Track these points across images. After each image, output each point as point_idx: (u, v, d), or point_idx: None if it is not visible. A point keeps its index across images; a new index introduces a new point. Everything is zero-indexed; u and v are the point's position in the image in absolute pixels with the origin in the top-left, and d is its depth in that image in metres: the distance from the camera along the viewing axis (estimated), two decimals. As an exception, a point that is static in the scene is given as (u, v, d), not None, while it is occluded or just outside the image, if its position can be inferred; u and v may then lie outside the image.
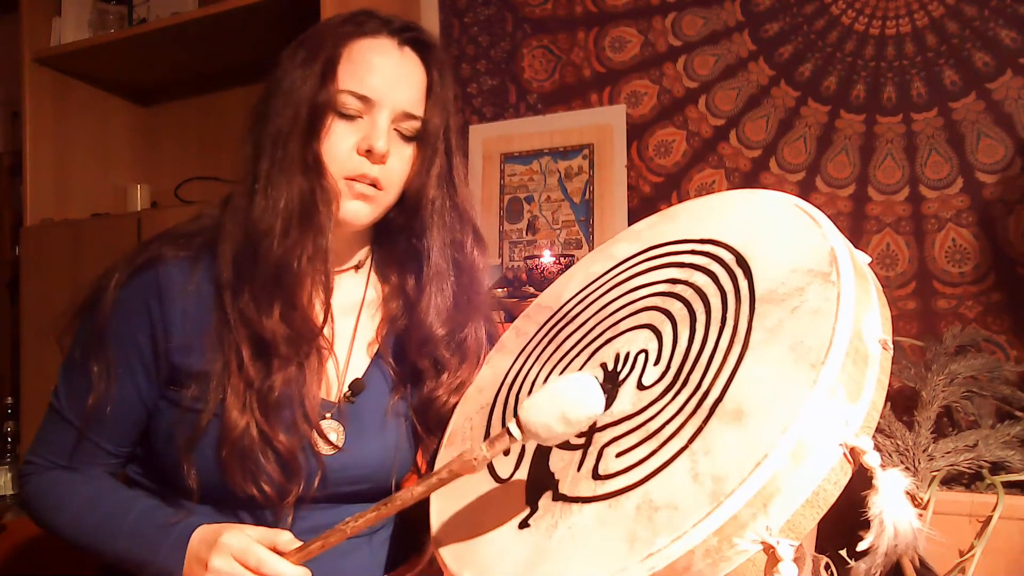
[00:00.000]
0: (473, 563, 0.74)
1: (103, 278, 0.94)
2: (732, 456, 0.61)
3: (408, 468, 1.02)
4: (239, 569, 0.80)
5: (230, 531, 0.83)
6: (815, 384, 0.61)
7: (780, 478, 0.59)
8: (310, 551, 0.80)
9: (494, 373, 0.96)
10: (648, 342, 0.78)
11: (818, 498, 0.60)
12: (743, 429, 0.62)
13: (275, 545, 0.82)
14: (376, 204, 0.96)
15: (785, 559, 0.58)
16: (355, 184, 0.93)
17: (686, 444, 0.65)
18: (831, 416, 0.61)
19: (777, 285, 0.71)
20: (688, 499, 0.61)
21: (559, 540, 0.68)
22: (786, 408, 0.61)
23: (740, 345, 0.69)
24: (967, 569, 1.07)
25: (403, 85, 0.95)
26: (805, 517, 0.60)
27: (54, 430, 0.97)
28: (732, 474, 0.60)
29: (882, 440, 1.22)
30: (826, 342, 0.63)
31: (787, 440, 0.59)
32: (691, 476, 0.62)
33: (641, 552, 0.61)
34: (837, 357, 0.62)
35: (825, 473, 0.60)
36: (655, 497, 0.64)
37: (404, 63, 0.96)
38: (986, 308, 1.57)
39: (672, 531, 0.60)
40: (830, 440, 0.61)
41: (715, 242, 0.81)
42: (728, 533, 0.58)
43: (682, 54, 1.85)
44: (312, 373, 0.92)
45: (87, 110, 2.42)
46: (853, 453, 0.61)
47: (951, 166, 1.60)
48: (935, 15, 1.61)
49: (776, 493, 0.59)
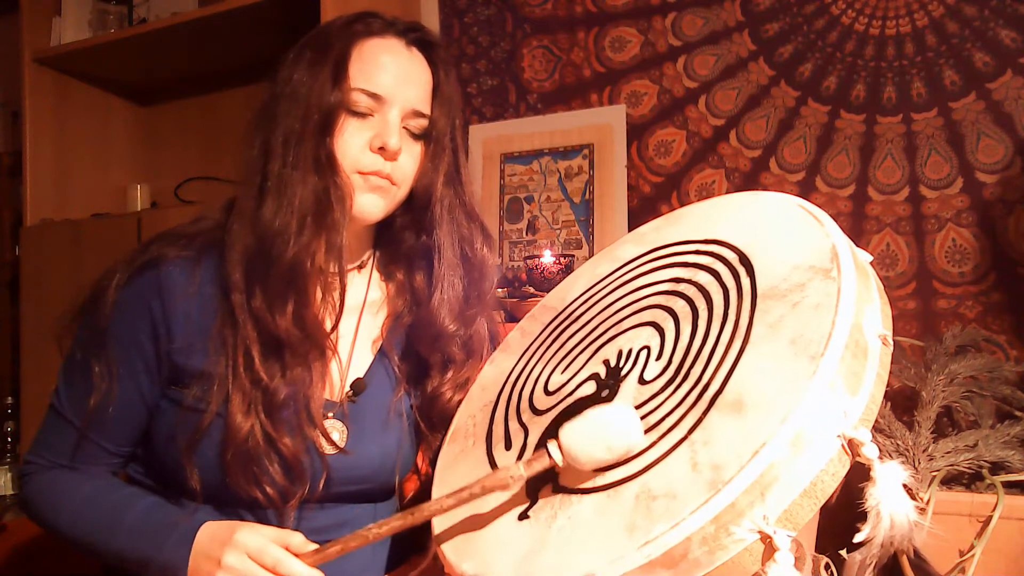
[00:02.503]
0: (473, 555, 0.74)
1: (104, 279, 0.94)
2: (731, 446, 0.61)
3: (410, 467, 1.03)
4: (254, 568, 0.80)
5: (243, 529, 0.82)
6: (814, 375, 0.61)
7: (778, 467, 0.59)
8: (327, 555, 0.79)
9: (498, 372, 0.97)
10: (651, 338, 0.79)
11: (816, 489, 0.60)
12: (742, 420, 0.63)
13: (288, 546, 0.81)
14: (389, 198, 0.97)
15: (782, 549, 0.58)
16: (370, 177, 0.94)
17: (686, 435, 0.66)
18: (830, 407, 0.61)
19: (779, 281, 0.72)
20: (686, 487, 0.61)
21: (558, 530, 0.68)
22: (785, 399, 0.61)
23: (741, 339, 0.69)
24: (967, 569, 1.07)
25: (412, 83, 0.96)
26: (803, 508, 0.60)
27: (54, 430, 0.96)
28: (730, 462, 0.60)
29: (882, 440, 1.21)
30: (826, 334, 0.63)
31: (786, 430, 0.60)
32: (690, 465, 0.63)
33: (638, 540, 0.61)
34: (836, 349, 0.62)
35: (823, 464, 0.60)
36: (654, 486, 0.64)
37: (412, 62, 0.97)
38: (986, 308, 1.57)
39: (669, 519, 0.60)
40: (829, 431, 0.61)
41: (719, 242, 0.82)
42: (725, 521, 0.59)
43: (682, 54, 1.85)
44: (317, 373, 0.92)
45: (87, 110, 2.42)
46: (851, 445, 0.61)
47: (951, 166, 1.60)
48: (935, 15, 1.61)
49: (774, 482, 0.59)
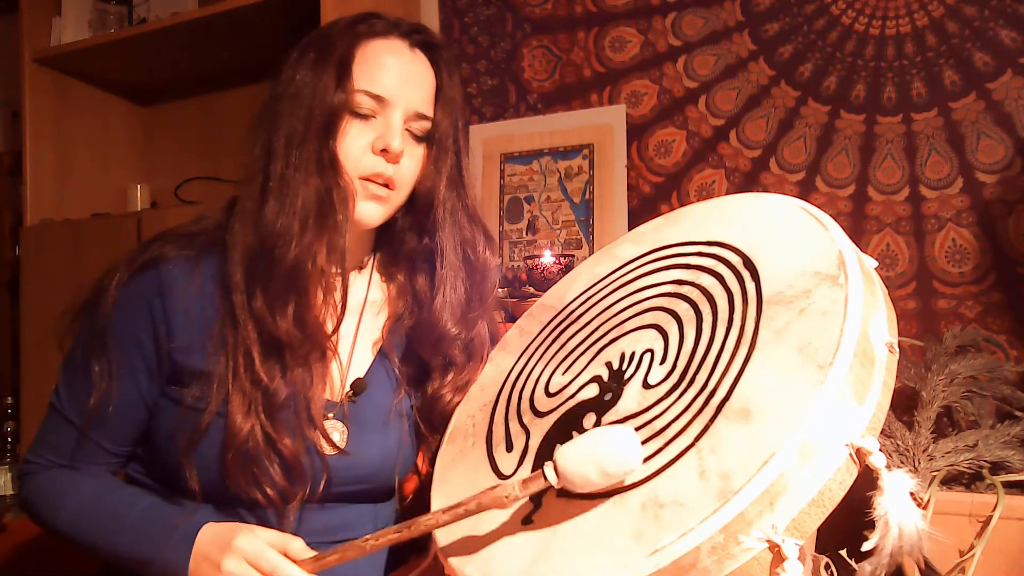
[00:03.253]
0: (477, 560, 0.74)
1: (104, 278, 0.94)
2: (739, 454, 0.61)
3: (410, 467, 1.02)
4: (252, 573, 0.80)
5: (243, 534, 0.82)
6: (823, 385, 0.61)
7: (787, 477, 0.59)
8: (326, 562, 0.78)
9: (497, 371, 0.96)
10: (654, 342, 0.78)
11: (824, 498, 0.60)
12: (750, 428, 0.63)
13: (287, 551, 0.81)
14: (388, 205, 0.96)
15: (790, 557, 0.58)
16: (369, 185, 0.94)
17: (692, 442, 0.65)
18: (838, 417, 0.61)
19: (784, 287, 0.71)
20: (695, 496, 0.61)
21: (563, 536, 0.68)
22: (794, 408, 0.61)
23: (747, 346, 0.69)
24: (967, 569, 1.07)
25: (415, 85, 0.96)
26: (810, 516, 0.60)
27: (54, 430, 0.96)
28: (739, 472, 0.60)
29: (882, 440, 1.21)
30: (834, 343, 0.63)
31: (795, 439, 0.60)
32: (698, 473, 0.63)
33: (647, 548, 0.61)
34: (845, 358, 0.62)
35: (831, 473, 0.60)
36: (661, 494, 0.64)
37: (415, 64, 0.97)
38: (986, 308, 1.57)
39: (678, 528, 0.60)
40: (837, 440, 0.61)
41: (721, 244, 0.81)
42: (734, 530, 0.59)
43: (682, 54, 1.85)
44: (317, 374, 0.92)
45: (87, 110, 2.42)
46: (859, 454, 0.61)
47: (951, 166, 1.60)
48: (935, 15, 1.61)
49: (783, 492, 0.59)
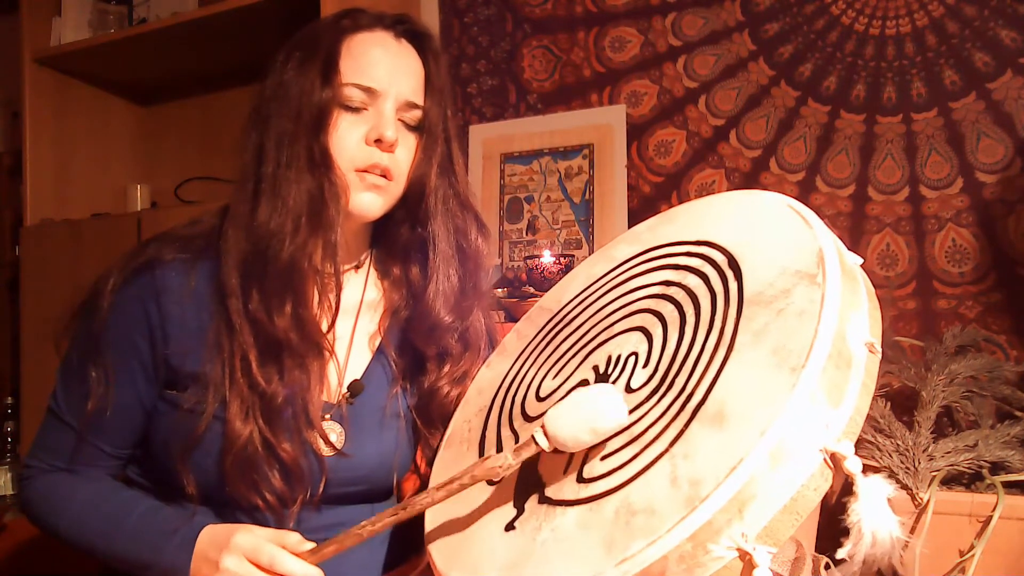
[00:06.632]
0: (461, 563, 0.73)
1: (99, 282, 0.93)
2: (710, 460, 0.60)
3: (408, 467, 1.02)
4: (251, 569, 0.80)
5: (241, 532, 0.82)
6: (794, 388, 0.59)
7: (757, 483, 0.57)
8: (324, 553, 0.79)
9: (494, 375, 0.96)
10: (639, 344, 0.77)
11: (796, 504, 0.58)
12: (723, 433, 0.61)
13: (284, 545, 0.81)
14: (387, 195, 0.96)
15: (761, 566, 0.56)
16: (367, 175, 0.93)
17: (667, 448, 0.64)
18: (811, 421, 0.59)
19: (765, 287, 0.69)
20: (665, 503, 0.60)
21: (542, 543, 0.67)
22: (765, 412, 0.60)
23: (725, 348, 0.67)
24: (967, 569, 1.06)
25: (404, 75, 0.95)
26: (783, 523, 0.58)
27: (53, 433, 0.96)
28: (708, 478, 0.58)
29: (882, 440, 1.21)
30: (807, 345, 0.61)
31: (765, 444, 0.58)
32: (670, 480, 0.61)
33: (616, 556, 0.60)
34: (818, 361, 0.60)
35: (804, 479, 0.59)
36: (634, 501, 0.63)
37: (403, 54, 0.96)
38: (986, 308, 1.56)
39: (647, 536, 0.59)
40: (810, 445, 0.59)
41: (709, 243, 0.80)
42: (702, 539, 0.57)
43: (682, 54, 1.85)
44: (315, 375, 0.92)
45: (87, 110, 2.42)
46: (834, 459, 0.59)
47: (951, 166, 1.59)
48: (935, 15, 1.61)
49: (752, 498, 0.57)
